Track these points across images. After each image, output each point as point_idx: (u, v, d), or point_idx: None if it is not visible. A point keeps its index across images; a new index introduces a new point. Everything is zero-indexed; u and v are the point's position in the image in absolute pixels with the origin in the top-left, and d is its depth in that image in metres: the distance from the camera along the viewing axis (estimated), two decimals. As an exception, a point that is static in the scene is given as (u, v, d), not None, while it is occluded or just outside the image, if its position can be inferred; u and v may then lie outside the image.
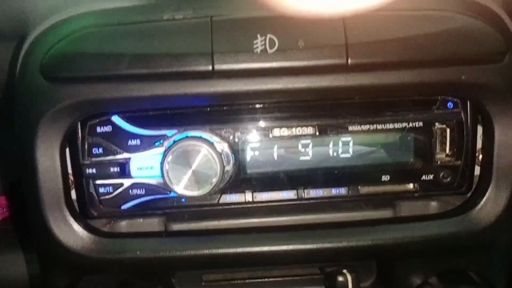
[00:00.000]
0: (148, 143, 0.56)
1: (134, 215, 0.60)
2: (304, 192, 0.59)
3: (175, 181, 0.54)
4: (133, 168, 0.57)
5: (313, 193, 0.59)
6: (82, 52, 0.51)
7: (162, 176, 0.54)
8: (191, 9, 0.52)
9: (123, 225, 0.61)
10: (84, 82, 0.52)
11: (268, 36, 0.50)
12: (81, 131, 0.56)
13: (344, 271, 0.60)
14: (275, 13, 0.52)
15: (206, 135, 0.56)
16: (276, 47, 0.50)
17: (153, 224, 0.61)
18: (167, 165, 0.54)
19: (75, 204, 0.58)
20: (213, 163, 0.54)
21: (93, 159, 0.57)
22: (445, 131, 0.58)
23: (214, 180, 0.54)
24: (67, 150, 0.56)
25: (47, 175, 0.54)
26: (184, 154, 0.54)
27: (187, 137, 0.55)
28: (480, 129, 0.58)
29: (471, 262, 0.62)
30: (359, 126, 0.57)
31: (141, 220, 0.61)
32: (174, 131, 0.56)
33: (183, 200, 0.58)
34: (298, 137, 0.57)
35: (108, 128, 0.56)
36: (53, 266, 0.60)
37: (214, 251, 0.57)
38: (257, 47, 0.50)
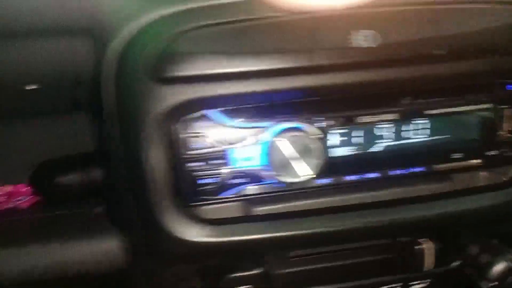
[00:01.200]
0: (246, 135, 0.60)
1: (229, 201, 0.64)
2: (387, 172, 0.64)
3: (278, 170, 0.59)
4: (232, 159, 0.60)
5: (395, 172, 0.64)
6: (194, 51, 0.53)
7: (265, 165, 0.59)
8: None
9: (210, 211, 0.64)
10: (194, 81, 0.54)
11: (364, 31, 0.54)
12: (182, 127, 0.59)
13: (421, 240, 0.66)
14: (370, 9, 0.56)
15: (302, 125, 0.60)
16: (378, 41, 0.54)
17: (237, 208, 0.64)
18: (270, 155, 0.58)
19: (178, 194, 0.61)
20: (314, 151, 0.59)
21: (194, 152, 0.60)
22: (507, 111, 0.65)
23: (314, 167, 0.59)
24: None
25: (154, 170, 0.57)
26: (284, 144, 0.58)
27: (286, 128, 0.59)
28: None
29: None
30: (435, 110, 0.63)
31: (226, 204, 0.64)
32: (271, 122, 0.60)
33: (277, 185, 0.63)
34: (382, 122, 0.62)
35: (207, 123, 0.59)
36: (157, 254, 0.64)
37: (306, 231, 0.62)
38: (354, 42, 0.54)
